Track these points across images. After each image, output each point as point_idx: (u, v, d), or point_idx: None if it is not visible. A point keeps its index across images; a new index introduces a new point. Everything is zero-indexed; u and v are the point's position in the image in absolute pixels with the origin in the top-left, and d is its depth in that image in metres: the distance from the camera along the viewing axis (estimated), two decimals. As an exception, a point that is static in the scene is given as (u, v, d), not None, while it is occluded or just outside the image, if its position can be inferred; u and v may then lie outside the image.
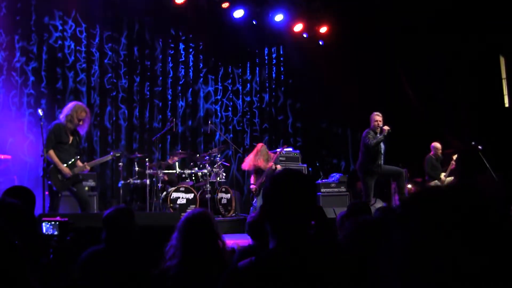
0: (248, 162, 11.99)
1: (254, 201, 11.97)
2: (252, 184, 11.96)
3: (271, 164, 11.75)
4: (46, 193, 8.71)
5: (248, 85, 16.57)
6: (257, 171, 11.90)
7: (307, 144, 16.98)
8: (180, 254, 3.96)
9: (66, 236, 4.93)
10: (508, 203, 6.38)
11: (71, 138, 8.78)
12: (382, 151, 11.41)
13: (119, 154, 9.95)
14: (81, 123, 8.79)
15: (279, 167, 11.71)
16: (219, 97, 15.90)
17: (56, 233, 4.88)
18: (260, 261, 2.39)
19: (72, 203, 9.57)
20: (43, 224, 4.99)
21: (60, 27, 13.09)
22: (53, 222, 4.91)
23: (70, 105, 8.92)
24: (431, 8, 14.86)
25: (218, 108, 15.86)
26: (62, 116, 8.76)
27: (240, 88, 16.37)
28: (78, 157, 8.95)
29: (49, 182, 8.54)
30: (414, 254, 1.26)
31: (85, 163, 9.02)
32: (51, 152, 8.50)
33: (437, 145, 13.91)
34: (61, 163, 8.57)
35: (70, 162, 8.71)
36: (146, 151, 13.88)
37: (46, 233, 4.92)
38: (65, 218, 5.08)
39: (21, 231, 2.65)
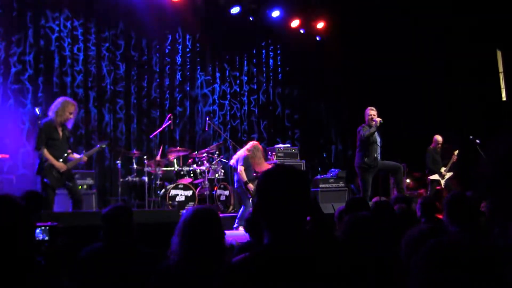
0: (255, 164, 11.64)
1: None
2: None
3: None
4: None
5: (245, 80, 16.56)
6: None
7: (305, 138, 17.03)
8: (182, 251, 3.94)
9: (57, 241, 4.88)
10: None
11: (61, 133, 8.83)
12: (379, 144, 11.44)
13: (105, 146, 10.00)
14: (71, 116, 8.88)
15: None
16: (216, 93, 15.89)
17: (46, 238, 4.81)
18: (253, 257, 2.40)
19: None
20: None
21: (57, 23, 13.07)
22: (43, 227, 4.84)
23: (59, 100, 9.01)
24: (428, 2, 14.87)
25: (216, 105, 15.84)
26: (51, 113, 8.80)
27: (238, 83, 16.37)
28: (70, 151, 8.99)
29: (45, 179, 8.56)
30: None
31: (82, 155, 9.16)
32: (44, 150, 8.55)
33: (438, 138, 13.96)
34: (54, 159, 8.62)
35: (62, 158, 8.76)
36: (144, 148, 13.88)
37: (37, 238, 4.86)
38: (55, 222, 5.02)
39: (17, 233, 2.66)
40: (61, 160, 8.71)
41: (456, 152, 13.83)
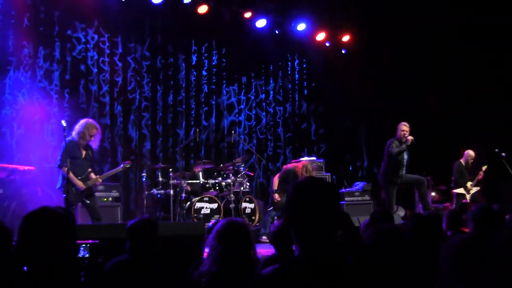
0: None
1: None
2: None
3: None
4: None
5: (271, 93, 16.54)
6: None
7: (330, 151, 16.96)
8: (215, 262, 3.95)
9: (97, 259, 4.93)
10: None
11: (84, 152, 9.27)
12: (405, 162, 11.36)
13: (129, 166, 10.43)
14: (92, 138, 9.31)
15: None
16: (242, 106, 15.91)
17: (87, 255, 4.87)
18: (284, 268, 2.40)
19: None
20: None
21: (83, 38, 13.15)
22: (84, 245, 4.89)
23: (82, 122, 9.38)
24: (454, 17, 14.78)
25: (242, 118, 15.86)
26: (74, 133, 9.23)
27: (263, 96, 16.35)
28: (90, 170, 9.37)
29: (64, 195, 8.91)
30: None
31: (97, 176, 9.46)
32: (65, 168, 8.86)
33: (470, 153, 13.76)
34: (75, 177, 8.99)
35: (83, 176, 9.14)
36: (169, 161, 13.92)
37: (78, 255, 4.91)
38: (97, 240, 5.07)
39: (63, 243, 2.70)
40: (81, 177, 9.09)
41: (484, 168, 13.64)
